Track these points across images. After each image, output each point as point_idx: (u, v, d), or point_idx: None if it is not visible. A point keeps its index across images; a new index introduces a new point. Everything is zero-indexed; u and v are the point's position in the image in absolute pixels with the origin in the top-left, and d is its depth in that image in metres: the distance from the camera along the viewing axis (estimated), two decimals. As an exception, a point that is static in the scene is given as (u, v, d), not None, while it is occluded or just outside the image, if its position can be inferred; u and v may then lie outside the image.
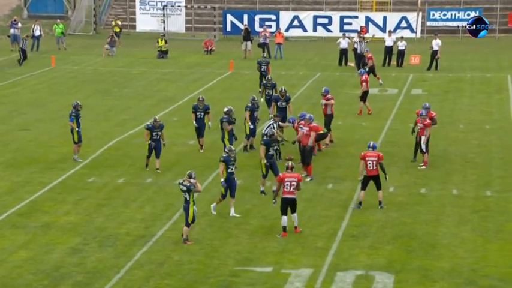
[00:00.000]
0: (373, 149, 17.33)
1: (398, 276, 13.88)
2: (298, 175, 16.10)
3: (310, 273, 14.08)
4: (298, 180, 15.88)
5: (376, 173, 17.10)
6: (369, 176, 17.17)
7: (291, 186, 15.82)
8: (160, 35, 40.86)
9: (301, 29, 45.61)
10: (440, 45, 34.89)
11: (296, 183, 15.83)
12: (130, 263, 14.58)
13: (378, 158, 17.16)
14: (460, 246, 15.21)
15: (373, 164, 17.10)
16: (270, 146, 18.19)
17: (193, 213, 15.47)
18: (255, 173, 19.47)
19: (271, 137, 18.43)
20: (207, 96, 30.43)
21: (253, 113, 21.84)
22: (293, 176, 15.88)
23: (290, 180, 15.82)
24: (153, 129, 20.24)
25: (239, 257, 14.88)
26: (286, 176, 15.88)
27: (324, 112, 22.76)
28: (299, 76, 34.41)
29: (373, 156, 17.13)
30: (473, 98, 29.09)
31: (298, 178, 15.91)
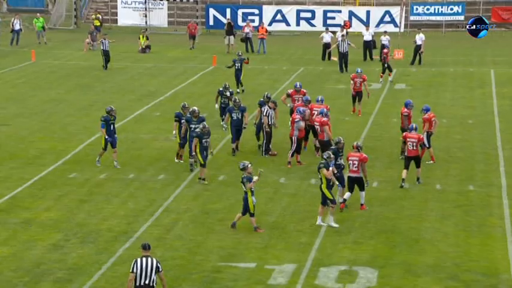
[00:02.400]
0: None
1: (382, 271, 13.95)
2: (361, 154, 17.03)
3: (294, 268, 14.11)
4: (360, 159, 16.89)
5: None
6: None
7: (353, 165, 16.91)
8: (141, 31, 40.66)
9: (284, 23, 45.61)
10: (424, 39, 35.03)
11: (358, 162, 16.85)
12: (112, 259, 14.54)
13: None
14: (443, 241, 15.31)
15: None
16: (337, 155, 16.89)
17: (252, 203, 15.65)
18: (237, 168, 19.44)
19: (337, 144, 17.14)
20: (190, 91, 30.48)
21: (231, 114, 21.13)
22: (356, 155, 16.99)
23: (353, 159, 16.96)
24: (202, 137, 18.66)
25: (222, 252, 14.88)
26: (350, 155, 17.08)
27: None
28: (282, 71, 34.43)
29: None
30: (456, 93, 29.24)
31: (360, 158, 16.93)
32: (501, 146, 22.07)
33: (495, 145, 22.20)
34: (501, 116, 25.67)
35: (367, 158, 17.23)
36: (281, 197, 18.08)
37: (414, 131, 18.63)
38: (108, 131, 19.90)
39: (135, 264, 11.73)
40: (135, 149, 22.11)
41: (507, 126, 24.37)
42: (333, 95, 29.25)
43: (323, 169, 15.93)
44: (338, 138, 17.43)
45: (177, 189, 18.63)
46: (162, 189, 18.68)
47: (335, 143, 17.35)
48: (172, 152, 21.68)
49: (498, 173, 19.56)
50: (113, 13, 47.94)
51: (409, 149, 18.61)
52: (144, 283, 11.65)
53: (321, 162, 16.09)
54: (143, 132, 24.00)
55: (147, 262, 11.72)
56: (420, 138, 18.66)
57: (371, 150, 20.87)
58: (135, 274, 11.66)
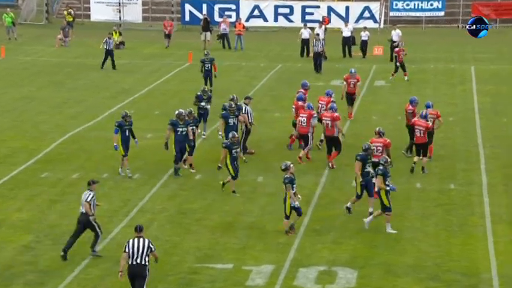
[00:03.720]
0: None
1: (362, 272, 14.00)
2: (385, 140, 17.78)
3: (272, 269, 14.13)
4: (384, 144, 17.64)
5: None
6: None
7: (377, 150, 17.49)
8: (113, 27, 40.44)
9: (262, 19, 45.61)
10: (401, 35, 35.20)
11: (382, 148, 17.52)
12: (86, 261, 14.46)
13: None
14: (424, 241, 15.40)
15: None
16: (366, 162, 16.58)
17: (290, 205, 15.50)
18: (214, 167, 19.45)
19: (366, 151, 16.69)
20: (165, 89, 30.39)
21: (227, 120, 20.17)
22: (379, 141, 17.73)
23: (376, 144, 17.61)
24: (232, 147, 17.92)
25: (199, 253, 14.86)
26: (373, 141, 17.71)
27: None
28: (260, 68, 34.43)
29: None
30: (437, 90, 29.42)
31: (384, 143, 17.69)
32: (482, 143, 22.26)
33: (476, 143, 22.37)
34: (482, 113, 25.88)
35: (391, 143, 18.04)
36: (259, 196, 18.09)
37: (423, 118, 19.26)
38: (123, 137, 18.98)
39: (127, 245, 12.47)
40: (109, 148, 21.99)
41: (488, 123, 24.57)
42: (312, 92, 29.25)
43: (380, 176, 15.68)
44: (367, 145, 16.86)
45: (152, 188, 18.56)
46: (137, 188, 18.61)
47: (364, 150, 16.67)
48: (148, 150, 21.61)
49: (479, 171, 19.72)
50: (85, 8, 47.65)
51: (417, 136, 19.28)
52: (136, 262, 12.35)
53: (379, 169, 15.80)
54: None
55: (138, 242, 12.42)
56: (428, 126, 19.29)
57: (350, 147, 20.92)
58: (127, 254, 12.37)
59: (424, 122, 19.36)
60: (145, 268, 12.45)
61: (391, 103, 27.25)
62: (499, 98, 28.18)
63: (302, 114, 20.66)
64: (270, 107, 26.63)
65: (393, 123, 24.11)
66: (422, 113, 19.57)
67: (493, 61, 35.46)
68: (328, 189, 18.12)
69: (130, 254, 12.39)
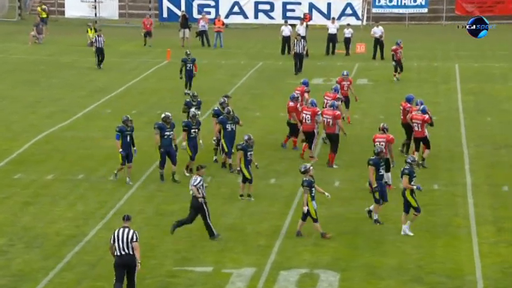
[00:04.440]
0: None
1: (344, 274, 14.05)
2: (388, 136, 18.24)
3: (253, 272, 14.14)
4: (387, 140, 18.11)
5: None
6: None
7: (380, 145, 17.81)
8: (88, 24, 40.23)
9: (242, 16, 45.62)
10: (383, 31, 35.35)
11: (385, 143, 17.95)
12: (60, 265, 14.40)
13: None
14: (407, 242, 15.47)
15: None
16: (379, 166, 16.43)
17: (313, 208, 15.47)
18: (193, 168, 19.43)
19: (379, 154, 16.60)
20: (142, 87, 30.31)
21: (224, 125, 19.71)
22: (383, 136, 18.19)
23: (380, 140, 18.12)
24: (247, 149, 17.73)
25: (177, 256, 14.84)
26: (377, 137, 18.27)
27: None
28: (240, 65, 34.44)
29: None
30: (420, 88, 29.55)
31: (387, 139, 18.16)
32: (466, 143, 22.40)
33: (460, 142, 22.51)
34: (466, 112, 26.06)
35: (394, 139, 18.48)
36: (239, 197, 18.07)
37: (420, 112, 19.76)
38: (124, 143, 18.53)
39: (113, 235, 12.80)
40: (84, 148, 21.91)
41: (471, 122, 24.74)
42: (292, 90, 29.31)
43: (406, 176, 15.61)
44: (379, 148, 16.79)
45: (129, 190, 18.51)
46: (113, 190, 18.55)
47: (376, 153, 16.56)
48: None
49: (463, 171, 19.85)
50: (59, 4, 47.37)
51: (415, 130, 19.84)
52: (125, 252, 12.66)
53: (405, 168, 15.74)
54: (93, 130, 23.80)
55: (123, 232, 12.70)
56: (425, 119, 19.75)
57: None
58: (113, 245, 12.69)
59: (421, 115, 19.81)
60: (134, 258, 12.68)
61: (373, 102, 27.37)
62: (483, 96, 28.39)
63: (306, 111, 20.83)
64: (251, 106, 26.66)
65: (375, 122, 24.19)
66: (420, 107, 20.04)
67: (477, 59, 35.72)
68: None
69: (116, 244, 12.63)
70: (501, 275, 14.06)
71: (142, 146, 21.98)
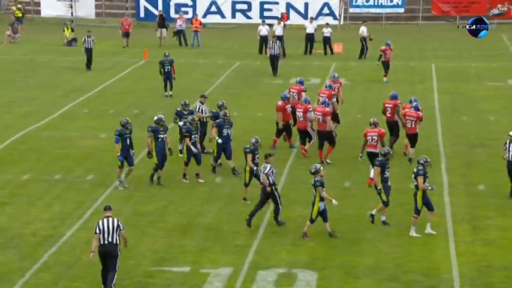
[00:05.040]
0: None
1: (321, 274, 14.10)
2: (380, 130, 18.67)
3: (230, 272, 14.15)
4: (379, 134, 18.54)
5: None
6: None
7: (373, 140, 18.48)
8: (65, 23, 39.98)
9: (219, 16, 45.59)
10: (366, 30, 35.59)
11: (377, 137, 18.41)
12: (37, 266, 14.32)
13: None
14: (384, 241, 15.56)
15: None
16: (385, 167, 16.19)
17: (318, 209, 15.42)
18: (170, 167, 19.39)
19: (385, 155, 16.31)
20: (120, 87, 30.20)
21: (221, 129, 19.37)
22: (374, 131, 18.56)
23: (372, 134, 18.54)
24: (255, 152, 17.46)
25: (155, 256, 14.81)
26: (369, 131, 18.60)
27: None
28: (217, 65, 34.42)
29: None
30: (397, 88, 29.60)
31: (379, 133, 18.57)
32: (442, 142, 22.55)
33: (436, 142, 22.65)
34: (442, 111, 26.23)
35: (385, 132, 19.14)
36: (217, 197, 18.09)
37: (414, 109, 20.10)
38: (124, 146, 18.16)
39: (97, 225, 13.01)
40: (61, 148, 21.80)
41: (447, 122, 24.91)
42: (270, 91, 29.38)
43: (421, 177, 15.58)
44: (387, 149, 16.55)
45: (106, 190, 18.45)
46: (90, 190, 18.48)
47: (383, 154, 16.35)
48: (102, 150, 21.47)
49: (439, 171, 19.98)
50: (35, 3, 47.04)
51: (408, 127, 20.17)
52: (108, 241, 12.94)
53: (419, 169, 15.71)
54: (70, 130, 23.69)
55: (108, 222, 12.99)
56: (420, 116, 20.13)
57: (310, 148, 21.07)
58: (98, 235, 12.93)
59: (415, 112, 20.13)
60: (116, 247, 12.96)
61: (351, 101, 27.45)
62: (459, 96, 28.59)
63: (299, 109, 20.98)
64: (228, 106, 26.52)
65: (353, 122, 24.33)
66: (413, 104, 20.33)
67: (453, 58, 35.97)
68: (287, 190, 18.19)
69: (101, 234, 12.89)
70: (477, 273, 14.18)
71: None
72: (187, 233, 15.98)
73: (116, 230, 12.97)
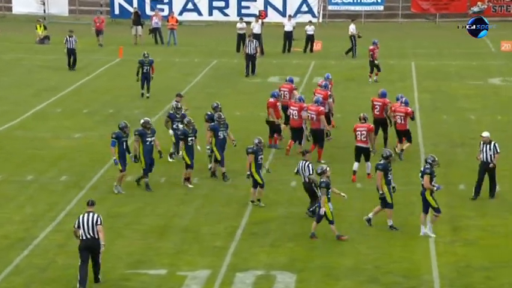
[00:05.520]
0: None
1: (300, 275, 14.15)
2: (369, 125, 19.10)
3: (208, 274, 14.16)
4: (368, 129, 18.89)
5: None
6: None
7: (362, 135, 18.83)
8: (37, 20, 39.70)
9: (196, 13, 45.54)
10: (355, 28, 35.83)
11: (366, 132, 18.77)
12: (9, 269, 14.25)
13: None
14: (364, 243, 15.63)
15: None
16: (388, 171, 16.17)
17: (330, 210, 15.41)
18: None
19: (387, 158, 16.21)
20: (94, 86, 30.08)
21: (217, 132, 19.09)
22: (364, 126, 18.90)
23: (361, 129, 18.90)
24: (258, 152, 17.38)
25: (131, 259, 14.78)
26: (358, 126, 18.97)
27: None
28: (194, 63, 34.39)
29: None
30: (376, 86, 29.80)
31: (368, 128, 18.95)
32: (422, 142, 22.68)
33: (416, 141, 22.77)
34: (422, 110, 26.37)
35: (374, 128, 19.55)
36: (194, 198, 18.08)
37: (404, 104, 20.49)
38: (121, 150, 17.87)
39: (77, 220, 13.44)
40: (33, 148, 21.68)
41: (428, 121, 25.06)
42: (248, 89, 29.43)
43: (428, 176, 15.57)
44: (388, 152, 16.38)
45: (80, 191, 18.38)
46: (64, 191, 18.40)
47: (385, 157, 16.20)
48: (76, 151, 21.39)
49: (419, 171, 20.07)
50: (6, 0, 46.71)
51: (398, 123, 20.50)
52: (90, 236, 13.36)
53: (426, 168, 15.73)
54: (43, 130, 23.56)
55: (88, 217, 13.41)
56: (408, 112, 20.40)
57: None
58: (78, 229, 13.35)
59: (404, 108, 20.45)
60: (98, 241, 13.38)
61: (330, 100, 27.53)
62: (439, 94, 28.78)
63: (293, 107, 21.09)
64: (205, 105, 26.60)
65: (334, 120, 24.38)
66: (402, 99, 20.74)
67: (433, 57, 36.19)
68: (266, 190, 18.21)
69: (81, 229, 13.29)
70: (456, 274, 14.30)
71: (96, 146, 21.86)
72: (163, 234, 15.97)
73: (95, 225, 13.39)
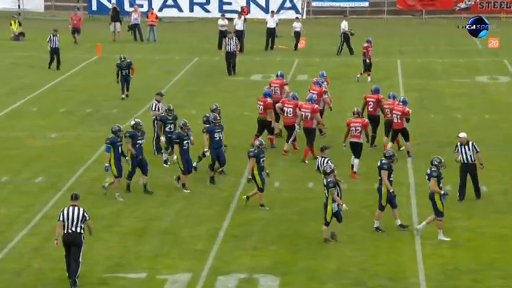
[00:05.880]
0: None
1: (284, 279, 14.13)
2: (363, 120, 19.50)
3: (189, 278, 14.12)
4: (363, 124, 19.26)
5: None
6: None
7: (356, 130, 19.22)
8: (11, 16, 39.46)
9: (177, 9, 45.45)
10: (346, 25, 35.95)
11: (361, 128, 19.15)
12: (-17, 274, 14.13)
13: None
14: (349, 245, 15.64)
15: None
16: (391, 170, 16.11)
17: (332, 211, 15.32)
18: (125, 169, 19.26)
19: (391, 158, 16.22)
20: (71, 84, 29.93)
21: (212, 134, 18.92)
22: (358, 121, 19.31)
23: (355, 125, 19.26)
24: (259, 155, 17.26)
25: (109, 262, 14.72)
26: (352, 121, 19.33)
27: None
28: (175, 61, 34.32)
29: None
30: (361, 84, 29.89)
31: (363, 123, 19.32)
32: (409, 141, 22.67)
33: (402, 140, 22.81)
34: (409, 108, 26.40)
35: (368, 123, 19.93)
36: (175, 200, 18.03)
37: (402, 103, 20.81)
38: (117, 155, 17.60)
39: (61, 213, 13.56)
40: (8, 148, 21.54)
41: (415, 119, 25.06)
42: (231, 88, 29.41)
43: (435, 179, 15.56)
44: (391, 152, 16.55)
45: (57, 193, 18.28)
46: (40, 193, 18.29)
47: (388, 157, 16.23)
48: (53, 151, 21.28)
49: (406, 170, 20.15)
50: (-20, -4, 46.43)
51: (395, 122, 20.70)
52: (72, 230, 13.52)
53: (433, 170, 15.70)
54: (18, 130, 23.42)
55: (73, 211, 13.56)
56: (406, 111, 20.65)
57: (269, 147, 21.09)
58: (62, 222, 13.50)
59: (402, 107, 20.69)
60: (80, 236, 13.56)
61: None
62: (426, 92, 28.87)
63: (288, 104, 21.13)
64: (186, 103, 26.59)
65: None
66: (400, 98, 21.19)
67: (419, 54, 36.31)
68: (249, 191, 18.19)
69: (65, 222, 13.45)
70: (444, 276, 14.33)
71: (73, 146, 21.76)
72: (143, 237, 15.90)
73: (81, 220, 13.50)
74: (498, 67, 33.20)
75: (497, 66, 33.33)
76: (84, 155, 20.82)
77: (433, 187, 15.66)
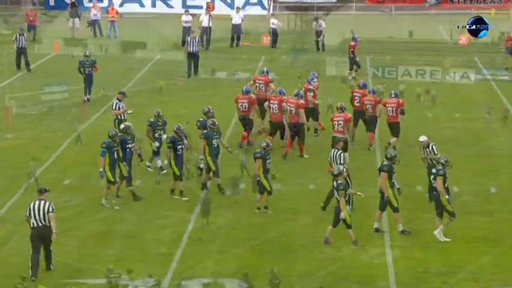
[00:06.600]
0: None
1: (250, 283, 14.18)
2: (346, 115, 19.96)
3: (152, 283, 14.11)
4: (345, 119, 19.77)
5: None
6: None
7: (339, 125, 19.70)
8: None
9: (138, 4, 45.30)
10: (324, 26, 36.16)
11: (343, 122, 19.65)
12: None
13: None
14: (317, 247, 15.74)
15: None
16: (392, 172, 16.16)
17: (348, 214, 15.43)
18: (86, 170, 19.21)
19: (392, 159, 16.25)
20: (26, 83, 29.66)
21: (210, 140, 18.56)
22: (341, 116, 19.82)
23: (338, 119, 19.76)
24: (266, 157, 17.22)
25: (67, 268, 14.67)
26: (335, 116, 19.89)
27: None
28: (137, 59, 34.22)
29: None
30: (330, 83, 30.02)
31: (345, 118, 19.83)
32: (378, 141, 22.87)
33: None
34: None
35: (351, 118, 20.43)
36: (137, 202, 18.00)
37: (394, 96, 21.30)
38: (112, 160, 17.31)
39: (28, 208, 14.16)
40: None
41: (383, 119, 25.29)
42: (195, 86, 29.37)
43: (441, 178, 15.56)
44: (393, 153, 16.46)
45: (13, 196, 18.17)
46: (-5, 196, 18.15)
47: (389, 158, 16.26)
48: (8, 152, 21.12)
49: (375, 171, 20.24)
50: None
51: (388, 115, 21.24)
52: (42, 224, 14.06)
53: (438, 169, 15.68)
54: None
55: (39, 204, 14.12)
56: (400, 102, 21.27)
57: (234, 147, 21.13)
58: (30, 217, 14.07)
59: (396, 99, 21.34)
60: (50, 229, 14.06)
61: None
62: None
63: (272, 100, 21.26)
64: (149, 103, 26.52)
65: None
66: (392, 92, 21.75)
67: (389, 51, 36.52)
68: (214, 193, 18.23)
69: (33, 216, 14.02)
70: (415, 280, 14.48)
71: (29, 147, 21.62)
72: (104, 241, 15.87)
73: (47, 213, 14.03)
74: (468, 64, 33.54)
75: (467, 63, 33.66)
76: (41, 156, 20.70)
77: (440, 187, 15.67)
